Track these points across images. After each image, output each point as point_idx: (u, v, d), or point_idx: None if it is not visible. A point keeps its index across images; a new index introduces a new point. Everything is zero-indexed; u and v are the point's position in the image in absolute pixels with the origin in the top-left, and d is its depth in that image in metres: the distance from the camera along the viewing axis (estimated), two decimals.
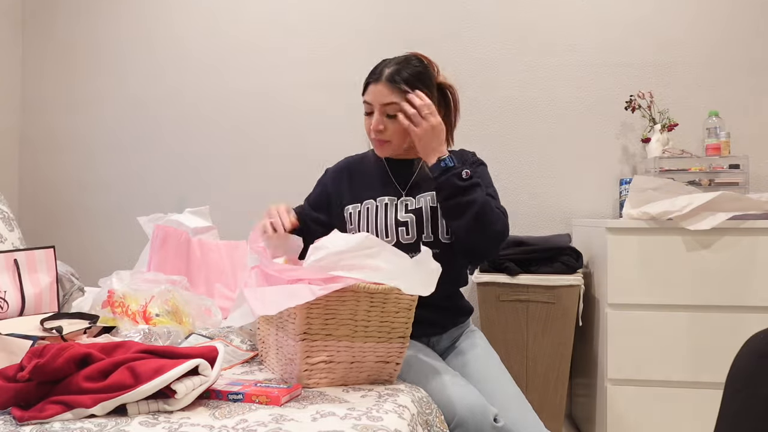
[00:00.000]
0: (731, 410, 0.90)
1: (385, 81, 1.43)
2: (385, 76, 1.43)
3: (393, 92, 1.42)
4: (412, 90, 1.41)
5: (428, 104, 1.39)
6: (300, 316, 1.15)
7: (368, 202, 1.51)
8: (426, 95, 1.42)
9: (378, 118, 1.44)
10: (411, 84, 1.42)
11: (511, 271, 2.12)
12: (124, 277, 1.68)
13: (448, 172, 1.38)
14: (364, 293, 1.18)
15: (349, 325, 1.19)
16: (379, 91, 1.43)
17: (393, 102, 1.42)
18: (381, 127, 1.44)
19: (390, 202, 1.50)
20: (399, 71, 1.43)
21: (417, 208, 1.48)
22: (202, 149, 2.83)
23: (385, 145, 1.48)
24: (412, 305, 1.24)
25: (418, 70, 1.46)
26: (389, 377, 1.25)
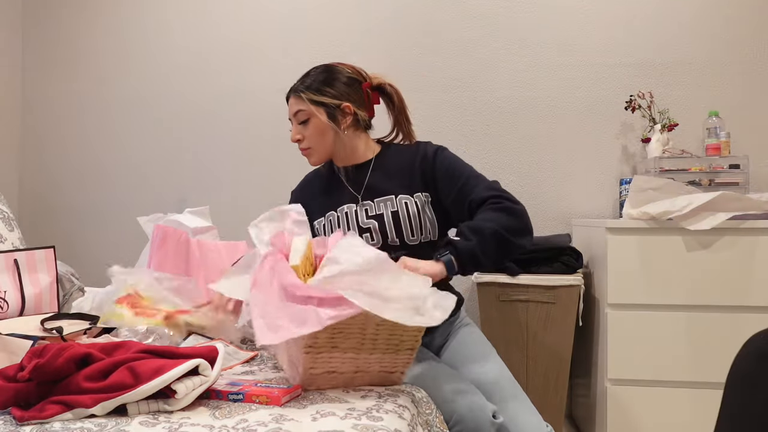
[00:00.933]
0: (731, 410, 0.90)
1: (292, 94, 1.54)
2: (293, 89, 1.54)
3: (298, 101, 1.51)
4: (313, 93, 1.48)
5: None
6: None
7: (330, 214, 1.54)
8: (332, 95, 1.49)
9: (294, 128, 1.54)
10: (310, 88, 1.51)
11: (511, 271, 2.12)
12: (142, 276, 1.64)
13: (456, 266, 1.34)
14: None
15: (357, 338, 1.16)
16: (290, 104, 1.54)
17: (300, 109, 1.51)
18: (299, 137, 1.53)
19: (350, 210, 1.51)
20: (302, 81, 1.53)
21: (378, 214, 1.48)
22: (202, 149, 2.83)
23: (308, 152, 1.55)
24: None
25: (316, 73, 1.54)
26: (393, 384, 1.24)
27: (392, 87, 1.58)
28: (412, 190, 1.49)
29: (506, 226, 1.36)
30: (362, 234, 1.47)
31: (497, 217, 1.37)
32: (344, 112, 1.51)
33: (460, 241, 1.33)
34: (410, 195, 1.49)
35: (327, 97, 1.50)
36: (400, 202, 1.48)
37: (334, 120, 1.50)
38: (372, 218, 1.48)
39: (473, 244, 1.32)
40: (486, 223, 1.35)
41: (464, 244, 1.33)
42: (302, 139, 1.53)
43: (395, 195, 1.49)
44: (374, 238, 1.47)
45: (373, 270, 1.15)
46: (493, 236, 1.34)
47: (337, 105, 1.50)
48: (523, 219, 1.41)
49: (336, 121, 1.50)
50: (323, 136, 1.51)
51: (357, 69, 1.57)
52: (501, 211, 1.38)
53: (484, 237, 1.33)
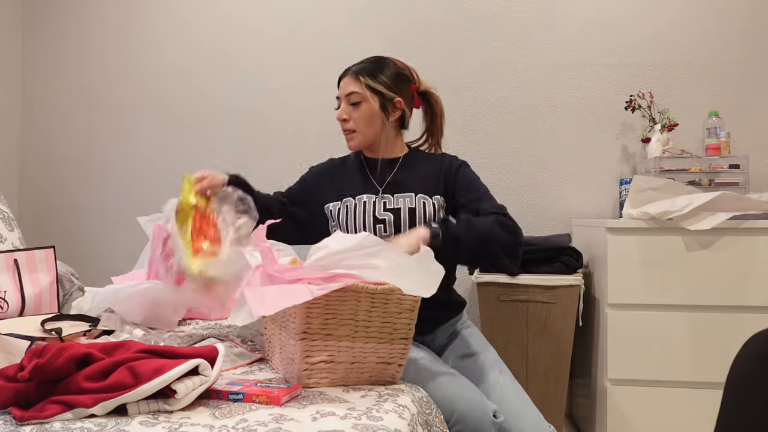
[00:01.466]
0: (731, 410, 0.90)
1: (350, 74, 1.56)
2: (350, 70, 1.56)
3: (354, 82, 1.53)
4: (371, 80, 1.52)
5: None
6: (300, 315, 1.15)
7: (348, 199, 1.54)
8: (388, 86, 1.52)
9: (342, 107, 1.55)
10: (370, 74, 1.53)
11: (511, 271, 2.12)
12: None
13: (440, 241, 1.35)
14: (364, 293, 1.17)
15: (350, 325, 1.19)
16: (344, 83, 1.56)
17: (354, 91, 1.52)
18: (345, 116, 1.54)
19: (368, 200, 1.52)
20: (362, 66, 1.56)
21: (396, 208, 1.50)
22: (202, 149, 2.83)
23: (352, 135, 1.55)
24: (415, 306, 1.24)
25: (378, 61, 1.57)
26: (392, 378, 1.25)
27: (437, 97, 1.63)
28: (432, 193, 1.52)
29: (500, 238, 1.39)
30: (376, 225, 1.49)
31: (497, 228, 1.40)
32: (395, 106, 1.54)
33: (455, 224, 1.37)
34: (429, 196, 1.51)
35: (385, 88, 1.52)
36: (419, 201, 1.49)
37: (385, 111, 1.53)
38: (389, 211, 1.49)
39: (461, 231, 1.37)
40: (484, 225, 1.39)
41: (456, 228, 1.37)
42: (348, 119, 1.54)
43: (415, 193, 1.51)
44: (387, 231, 1.48)
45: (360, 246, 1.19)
46: (481, 238, 1.37)
47: (391, 97, 1.53)
48: (516, 244, 1.43)
49: (386, 112, 1.53)
50: (371, 123, 1.53)
51: (409, 68, 1.61)
52: (502, 226, 1.41)
53: (474, 234, 1.37)
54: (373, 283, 1.17)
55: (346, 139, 1.57)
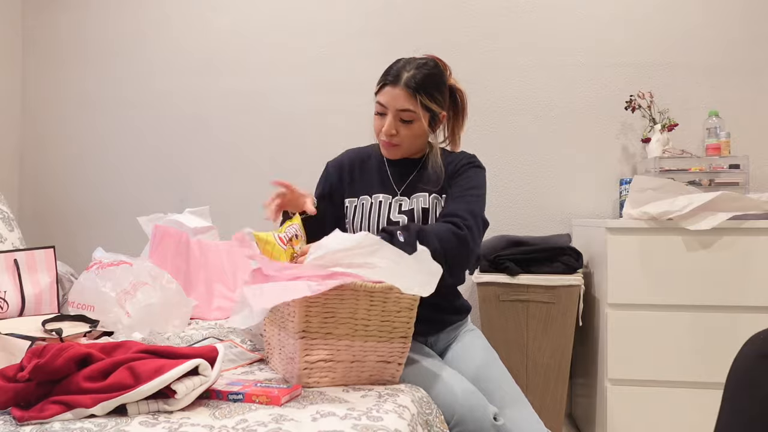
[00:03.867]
0: (731, 410, 0.90)
1: (403, 86, 1.42)
2: (404, 80, 1.43)
3: (410, 99, 1.42)
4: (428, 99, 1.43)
5: None
6: (299, 314, 1.15)
7: (364, 198, 1.52)
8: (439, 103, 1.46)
9: (391, 122, 1.45)
10: (426, 91, 1.43)
11: (511, 271, 2.12)
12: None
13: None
14: (363, 292, 1.17)
15: (349, 323, 1.19)
16: (396, 95, 1.43)
17: (408, 109, 1.43)
18: (394, 132, 1.46)
19: (384, 201, 1.51)
20: (417, 79, 1.43)
21: (410, 209, 1.49)
22: (202, 149, 2.83)
23: (394, 148, 1.49)
24: (414, 305, 1.24)
25: (433, 74, 1.47)
26: (392, 378, 1.25)
27: (464, 95, 1.58)
28: (443, 192, 1.50)
29: (450, 254, 1.32)
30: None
31: (449, 241, 1.33)
32: (439, 119, 1.51)
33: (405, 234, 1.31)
34: (440, 196, 1.50)
35: (437, 105, 1.46)
36: (433, 201, 1.49)
37: (432, 126, 1.50)
38: (404, 213, 1.48)
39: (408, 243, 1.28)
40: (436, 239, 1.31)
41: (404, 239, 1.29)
42: (396, 134, 1.46)
43: (429, 193, 1.50)
44: None
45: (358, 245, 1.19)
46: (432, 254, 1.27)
47: (439, 113, 1.49)
48: (467, 257, 1.37)
49: (432, 127, 1.50)
50: (419, 138, 1.49)
51: (447, 66, 1.55)
52: (457, 238, 1.34)
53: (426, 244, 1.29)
54: (371, 282, 1.17)
55: (385, 147, 1.50)
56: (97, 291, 1.63)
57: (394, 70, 1.46)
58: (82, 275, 1.74)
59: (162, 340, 1.52)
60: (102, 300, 1.61)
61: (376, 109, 1.48)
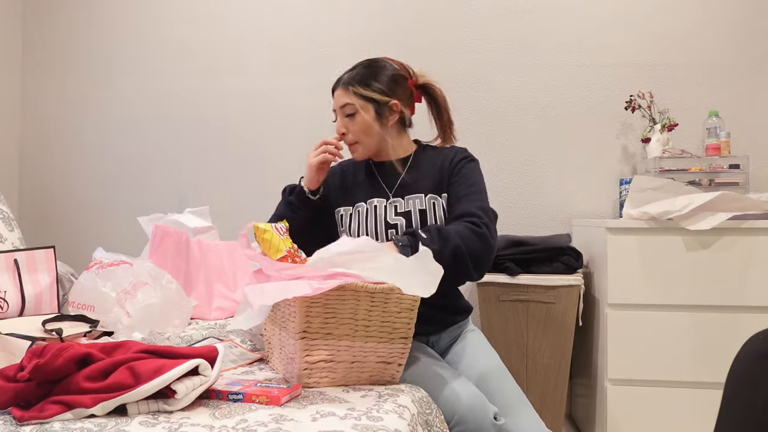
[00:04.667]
0: (731, 410, 0.90)
1: (341, 85, 1.52)
2: (342, 81, 1.53)
3: (346, 93, 1.50)
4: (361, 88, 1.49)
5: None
6: (299, 314, 1.15)
7: (359, 204, 1.53)
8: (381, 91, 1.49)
9: (339, 121, 1.52)
10: (360, 82, 1.50)
11: (511, 271, 2.12)
12: None
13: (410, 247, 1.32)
14: (364, 292, 1.17)
15: (350, 324, 1.19)
16: (337, 95, 1.53)
17: (348, 103, 1.50)
18: (343, 130, 1.52)
19: (379, 204, 1.51)
20: (353, 74, 1.52)
21: (407, 211, 1.48)
22: (202, 149, 2.83)
23: (354, 146, 1.53)
24: (415, 306, 1.24)
25: (368, 66, 1.54)
26: (392, 378, 1.25)
27: (435, 87, 1.58)
28: (440, 191, 1.50)
29: (471, 250, 1.32)
30: (388, 230, 1.47)
31: (469, 238, 1.33)
32: (392, 109, 1.51)
33: (424, 238, 1.32)
34: (438, 195, 1.49)
35: (376, 93, 1.49)
36: (429, 202, 1.48)
37: (381, 117, 1.50)
38: (400, 215, 1.48)
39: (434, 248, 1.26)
40: (456, 237, 1.32)
41: (425, 242, 1.30)
42: (347, 132, 1.51)
43: (425, 194, 1.49)
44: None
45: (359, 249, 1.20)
46: (453, 252, 1.30)
47: (385, 102, 1.50)
48: (489, 253, 1.37)
49: (383, 118, 1.51)
50: (369, 131, 1.50)
51: (404, 65, 1.57)
52: (475, 235, 1.35)
53: (446, 248, 1.30)
54: (372, 283, 1.17)
55: (350, 150, 1.55)
56: (98, 291, 1.63)
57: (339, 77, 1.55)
58: (82, 275, 1.74)
59: (162, 340, 1.52)
60: (102, 300, 1.62)
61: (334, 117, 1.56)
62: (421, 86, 1.57)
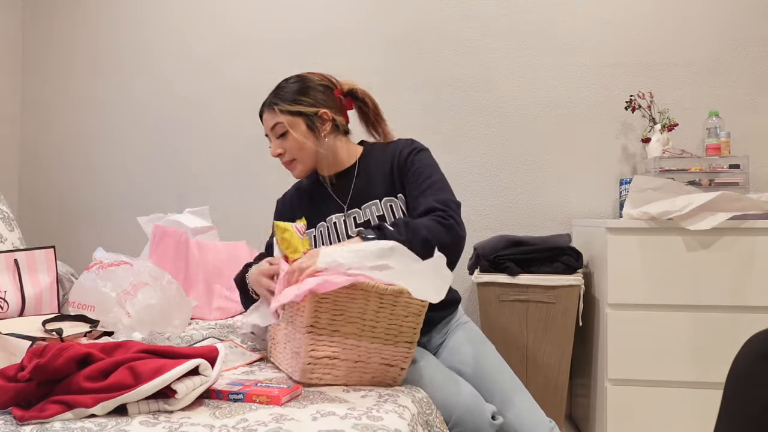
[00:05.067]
0: (731, 410, 0.90)
1: (266, 108, 1.51)
2: (266, 103, 1.52)
3: (272, 114, 1.49)
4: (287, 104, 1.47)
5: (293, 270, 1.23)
6: (308, 309, 1.15)
7: (320, 225, 1.52)
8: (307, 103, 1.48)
9: (273, 142, 1.51)
10: (283, 99, 1.49)
11: (511, 271, 2.12)
12: None
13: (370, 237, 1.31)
14: (374, 293, 1.17)
15: (357, 323, 1.19)
16: (265, 119, 1.52)
17: (277, 122, 1.48)
18: (280, 151, 1.51)
19: (338, 220, 1.50)
20: (275, 94, 1.52)
21: (366, 221, 1.47)
22: (202, 149, 2.83)
23: (291, 165, 1.52)
24: (422, 311, 1.23)
25: (288, 84, 1.52)
26: (393, 381, 1.25)
27: (363, 91, 1.57)
28: (395, 191, 1.48)
29: (440, 241, 1.29)
30: None
31: (437, 231, 1.31)
32: (322, 119, 1.49)
33: (391, 231, 1.30)
34: (394, 196, 1.47)
35: (303, 106, 1.48)
36: (386, 205, 1.47)
37: (313, 129, 1.49)
38: (360, 226, 1.46)
39: (402, 240, 1.26)
40: (424, 229, 1.31)
41: (392, 235, 1.28)
42: (283, 152, 1.50)
43: (380, 198, 1.47)
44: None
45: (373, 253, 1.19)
46: (423, 245, 1.27)
47: (314, 113, 1.48)
48: (458, 245, 1.35)
49: (315, 129, 1.49)
50: (304, 146, 1.48)
51: (326, 76, 1.56)
52: (443, 227, 1.33)
53: (415, 241, 1.28)
54: (383, 283, 1.17)
55: (287, 168, 1.53)
56: (98, 291, 1.63)
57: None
58: (82, 275, 1.74)
59: (162, 340, 1.53)
60: (102, 300, 1.62)
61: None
62: (348, 93, 1.56)
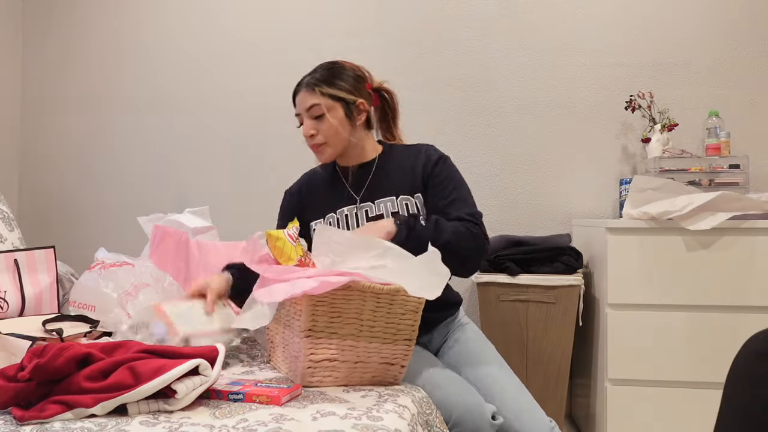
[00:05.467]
0: (731, 410, 0.90)
1: (304, 87, 1.50)
2: (303, 83, 1.51)
3: (312, 95, 1.47)
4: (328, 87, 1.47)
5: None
6: (305, 313, 1.15)
7: (330, 216, 1.52)
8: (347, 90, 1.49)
9: (307, 123, 1.49)
10: (325, 82, 1.48)
11: (511, 271, 2.12)
12: None
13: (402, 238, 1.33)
14: (370, 293, 1.17)
15: (355, 324, 1.19)
16: (301, 98, 1.50)
17: (315, 104, 1.47)
18: (313, 132, 1.49)
19: (350, 213, 1.50)
20: (315, 76, 1.50)
21: (378, 215, 1.47)
22: (202, 149, 2.83)
23: (322, 148, 1.50)
24: (419, 308, 1.24)
25: (330, 68, 1.52)
26: (394, 380, 1.25)
27: (390, 90, 1.59)
28: (413, 191, 1.48)
29: (464, 247, 1.35)
30: None
31: (464, 237, 1.36)
32: (359, 109, 1.51)
33: (422, 226, 1.34)
34: (411, 195, 1.48)
35: (344, 93, 1.48)
36: (401, 203, 1.47)
37: (350, 117, 1.49)
38: (372, 219, 1.47)
39: (428, 235, 1.31)
40: (451, 233, 1.34)
41: (423, 229, 1.33)
42: (316, 134, 1.49)
43: (396, 195, 1.48)
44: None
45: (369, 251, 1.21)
46: (446, 246, 1.28)
47: (353, 101, 1.49)
48: (481, 254, 1.40)
49: (352, 118, 1.50)
50: (339, 132, 1.48)
51: (361, 67, 1.57)
52: (471, 233, 1.37)
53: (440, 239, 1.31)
54: (379, 283, 1.17)
55: (316, 153, 1.52)
56: (99, 291, 1.63)
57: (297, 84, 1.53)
58: (84, 275, 1.74)
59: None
60: (103, 300, 1.62)
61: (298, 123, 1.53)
62: (376, 89, 1.57)
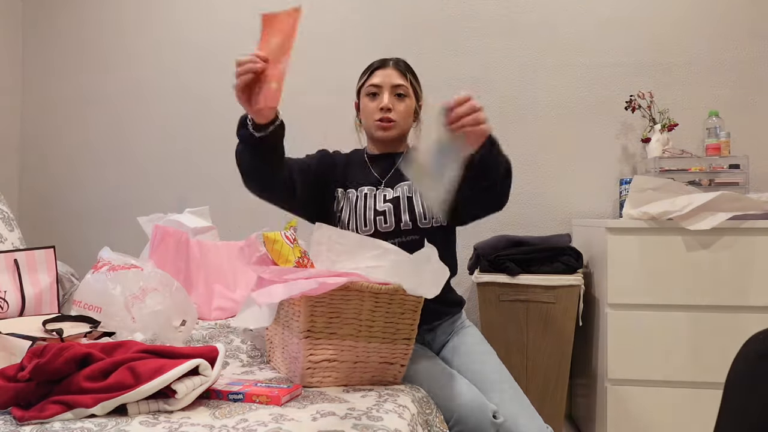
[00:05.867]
0: (731, 410, 0.90)
1: (394, 66, 1.58)
2: (392, 63, 1.59)
3: (401, 76, 1.57)
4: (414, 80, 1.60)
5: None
6: (304, 314, 1.15)
7: (350, 191, 1.56)
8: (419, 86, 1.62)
9: (387, 96, 1.55)
10: (412, 73, 1.61)
11: (511, 271, 2.12)
12: None
13: (491, 146, 1.37)
14: (368, 293, 1.17)
15: (353, 324, 1.19)
16: (389, 73, 1.57)
17: (402, 84, 1.56)
18: (391, 106, 1.55)
19: (369, 192, 1.54)
20: (403, 64, 1.61)
21: (395, 197, 1.51)
22: (202, 149, 2.83)
23: (390, 125, 1.56)
24: (418, 307, 1.24)
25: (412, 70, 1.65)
26: (394, 379, 1.25)
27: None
28: None
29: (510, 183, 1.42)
30: (376, 217, 1.49)
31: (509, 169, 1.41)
32: (419, 107, 1.61)
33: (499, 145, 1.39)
34: None
35: (419, 89, 1.62)
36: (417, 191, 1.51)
37: (416, 111, 1.61)
38: (388, 202, 1.51)
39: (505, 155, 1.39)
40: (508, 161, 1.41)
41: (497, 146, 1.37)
42: (393, 109, 1.55)
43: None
44: (387, 222, 1.49)
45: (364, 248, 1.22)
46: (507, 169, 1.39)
47: (418, 101, 1.62)
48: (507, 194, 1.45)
49: (417, 112, 1.61)
50: (408, 117, 1.59)
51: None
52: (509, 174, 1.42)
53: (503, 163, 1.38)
54: (377, 283, 1.17)
55: (382, 128, 1.55)
56: (107, 293, 1.62)
57: (378, 60, 1.62)
58: (92, 275, 1.72)
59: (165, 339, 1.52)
60: (110, 302, 1.61)
61: (367, 92, 1.58)
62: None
